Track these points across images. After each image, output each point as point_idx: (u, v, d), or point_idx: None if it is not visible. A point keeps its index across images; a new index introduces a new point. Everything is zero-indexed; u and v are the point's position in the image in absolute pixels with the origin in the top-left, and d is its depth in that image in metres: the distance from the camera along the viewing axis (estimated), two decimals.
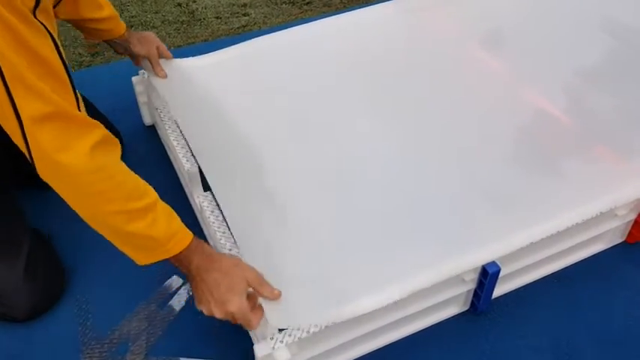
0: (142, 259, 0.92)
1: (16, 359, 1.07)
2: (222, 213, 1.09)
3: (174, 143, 1.25)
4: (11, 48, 0.78)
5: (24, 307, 1.10)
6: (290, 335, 0.92)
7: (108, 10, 1.28)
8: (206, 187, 1.19)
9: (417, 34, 1.65)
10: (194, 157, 1.20)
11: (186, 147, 1.24)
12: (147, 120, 1.53)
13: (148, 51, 1.36)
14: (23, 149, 0.84)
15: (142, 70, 1.45)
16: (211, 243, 1.21)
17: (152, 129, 1.54)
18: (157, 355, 1.07)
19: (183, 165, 1.20)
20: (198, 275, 0.92)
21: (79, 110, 0.89)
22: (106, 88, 1.61)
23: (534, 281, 1.18)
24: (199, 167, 1.18)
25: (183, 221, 0.94)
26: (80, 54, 1.85)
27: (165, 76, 1.37)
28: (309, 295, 0.99)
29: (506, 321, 1.12)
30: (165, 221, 0.91)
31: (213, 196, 1.14)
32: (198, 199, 1.16)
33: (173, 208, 0.94)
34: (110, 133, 0.91)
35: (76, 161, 0.84)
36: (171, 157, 1.41)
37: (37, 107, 0.81)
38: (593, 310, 1.15)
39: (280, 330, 0.93)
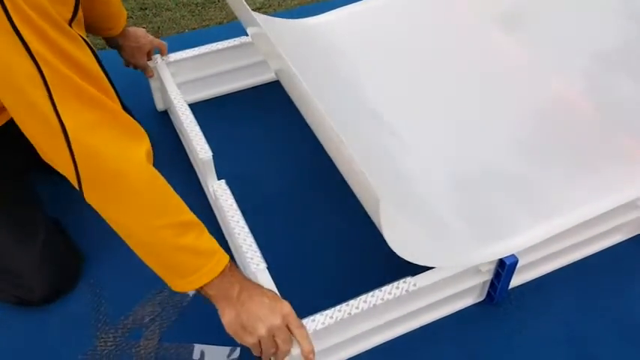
0: (183, 284, 0.87)
1: (30, 344, 1.07)
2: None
3: (188, 130, 1.24)
4: (54, 56, 0.75)
5: (41, 288, 1.10)
6: (305, 327, 0.91)
7: (115, 5, 1.29)
8: (218, 171, 1.18)
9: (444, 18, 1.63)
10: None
11: (201, 134, 1.23)
12: (159, 105, 1.52)
13: (138, 62, 1.41)
14: (66, 167, 0.80)
15: (156, 55, 1.44)
16: (224, 231, 1.21)
17: (165, 114, 1.52)
18: (170, 340, 1.07)
19: (198, 153, 1.19)
20: (240, 299, 0.88)
21: None
22: (118, 73, 1.59)
23: (552, 272, 1.17)
24: None
25: (197, 209, 0.92)
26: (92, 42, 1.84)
27: (152, 76, 1.42)
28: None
29: (523, 312, 1.11)
30: (207, 236, 0.89)
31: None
32: (212, 188, 1.15)
33: (188, 196, 0.93)
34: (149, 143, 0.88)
35: (136, 169, 0.81)
36: (185, 145, 1.40)
37: (88, 113, 0.78)
38: (611, 302, 1.13)
39: None
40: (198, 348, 1.05)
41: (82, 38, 0.83)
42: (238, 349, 1.04)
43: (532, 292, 1.14)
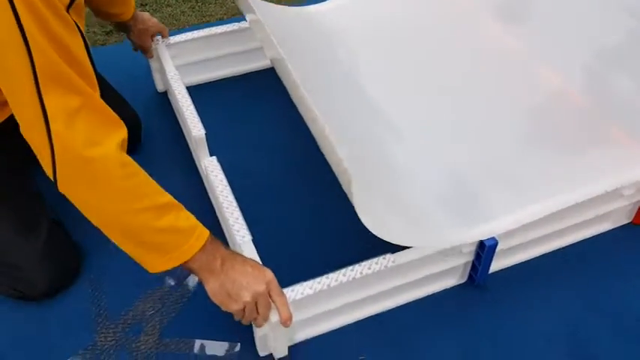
0: (164, 262, 0.88)
1: (31, 339, 1.08)
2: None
3: (184, 109, 1.27)
4: (45, 39, 0.76)
5: (42, 283, 1.10)
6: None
7: None
8: (212, 153, 1.21)
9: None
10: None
11: (195, 113, 1.25)
12: (159, 87, 1.55)
13: (143, 43, 1.45)
14: (42, 149, 0.81)
15: (157, 37, 1.46)
16: (214, 205, 1.23)
17: (164, 96, 1.55)
18: (170, 336, 1.07)
19: (191, 130, 1.21)
20: (223, 269, 0.90)
21: None
22: (119, 55, 1.63)
23: (538, 259, 1.18)
24: None
25: (191, 187, 0.93)
26: (95, 32, 1.86)
27: (152, 57, 1.46)
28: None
29: (506, 295, 1.12)
30: (185, 215, 0.90)
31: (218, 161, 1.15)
32: (204, 164, 1.18)
33: (183, 174, 0.94)
34: (124, 128, 0.89)
35: (108, 155, 0.83)
36: (182, 124, 1.43)
37: (71, 99, 0.80)
38: (600, 290, 1.14)
39: None
40: (198, 343, 1.06)
41: (77, 26, 0.85)
42: (239, 345, 1.05)
43: (518, 277, 1.15)
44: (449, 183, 1.19)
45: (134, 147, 1.40)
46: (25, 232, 1.10)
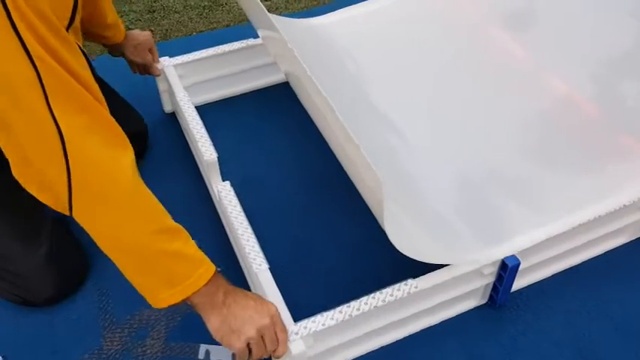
0: (171, 295, 0.86)
1: (38, 343, 1.09)
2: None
3: (194, 132, 1.25)
4: (52, 59, 0.75)
5: (45, 291, 1.10)
6: (305, 328, 0.92)
7: (112, 17, 1.30)
8: (223, 171, 1.20)
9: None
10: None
11: (206, 135, 1.24)
12: (167, 107, 1.53)
13: (143, 58, 1.41)
14: (56, 171, 0.79)
15: (164, 58, 1.45)
16: (228, 232, 1.22)
17: (172, 116, 1.54)
18: (175, 340, 1.08)
19: (203, 154, 1.20)
20: (225, 304, 0.88)
21: None
22: (126, 76, 1.61)
23: (556, 275, 1.17)
24: None
25: (202, 212, 0.91)
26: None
27: (160, 75, 1.43)
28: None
29: (528, 315, 1.11)
30: (192, 243, 0.88)
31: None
32: (217, 189, 1.16)
33: (193, 198, 0.92)
34: (132, 148, 0.87)
35: (126, 175, 0.81)
36: (191, 146, 1.41)
37: (82, 117, 0.78)
38: (615, 306, 1.13)
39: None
40: (203, 348, 1.05)
41: (78, 46, 0.84)
42: None
43: (537, 295, 1.14)
44: (465, 199, 1.18)
45: (141, 153, 1.40)
46: (29, 240, 1.09)
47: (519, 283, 1.13)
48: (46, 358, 1.06)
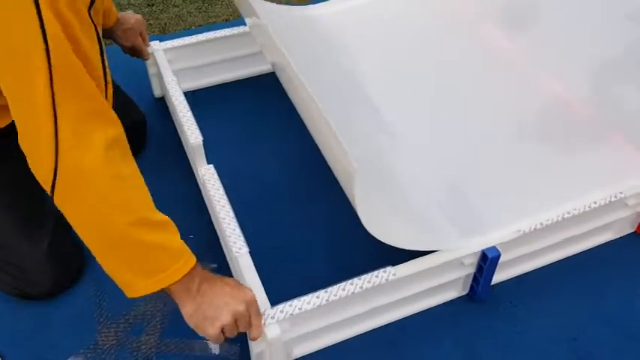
0: (147, 286, 0.85)
1: (34, 337, 1.08)
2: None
3: (180, 115, 1.25)
4: (65, 39, 0.74)
5: (47, 284, 1.10)
6: (282, 312, 0.92)
7: (107, 3, 1.28)
8: (211, 160, 1.19)
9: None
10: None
11: (192, 119, 1.23)
12: (157, 92, 1.53)
13: (133, 42, 1.40)
14: (47, 152, 0.78)
15: (154, 42, 1.44)
16: (211, 215, 1.21)
17: (162, 101, 1.53)
18: (171, 336, 1.07)
19: (188, 138, 1.19)
20: (200, 291, 0.87)
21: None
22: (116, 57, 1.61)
23: (543, 269, 1.16)
24: None
25: (188, 196, 0.90)
26: None
27: (149, 59, 1.42)
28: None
29: (515, 308, 1.11)
30: (176, 237, 0.87)
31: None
32: (201, 172, 1.16)
33: (180, 183, 0.91)
34: (125, 137, 0.85)
35: (108, 168, 0.80)
36: (179, 130, 1.41)
37: (81, 104, 0.77)
38: (604, 299, 1.13)
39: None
40: (199, 343, 1.05)
41: (95, 27, 0.84)
42: (238, 346, 1.04)
43: (525, 288, 1.14)
44: (450, 191, 1.18)
45: (139, 148, 1.39)
46: (30, 233, 1.09)
47: (505, 274, 1.13)
48: (42, 353, 1.05)
